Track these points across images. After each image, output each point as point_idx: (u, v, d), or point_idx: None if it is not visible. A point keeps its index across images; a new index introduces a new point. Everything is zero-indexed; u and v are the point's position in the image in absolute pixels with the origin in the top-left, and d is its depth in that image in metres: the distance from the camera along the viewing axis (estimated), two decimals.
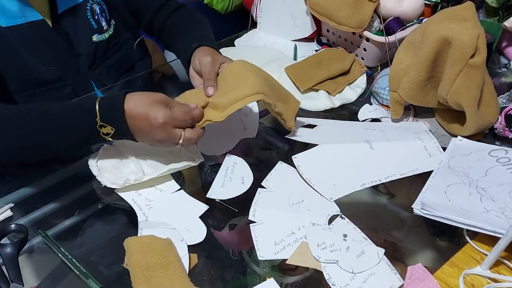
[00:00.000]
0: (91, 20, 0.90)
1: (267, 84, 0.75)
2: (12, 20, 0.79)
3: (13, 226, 0.66)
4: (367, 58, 1.04)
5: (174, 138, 0.67)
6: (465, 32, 0.74)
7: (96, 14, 0.90)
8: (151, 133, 0.67)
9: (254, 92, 0.70)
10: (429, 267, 0.60)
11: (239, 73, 0.74)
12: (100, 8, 0.91)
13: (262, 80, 0.74)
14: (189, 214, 0.69)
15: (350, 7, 0.97)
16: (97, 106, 0.65)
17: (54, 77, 0.86)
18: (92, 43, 0.90)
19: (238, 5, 1.37)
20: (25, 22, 0.80)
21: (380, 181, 0.72)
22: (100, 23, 0.91)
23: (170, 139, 0.67)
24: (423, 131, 0.84)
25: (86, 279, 0.58)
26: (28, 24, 0.81)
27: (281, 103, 0.78)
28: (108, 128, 0.66)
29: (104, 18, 0.92)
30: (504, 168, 0.71)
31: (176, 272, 0.58)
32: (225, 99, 0.70)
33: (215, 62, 0.77)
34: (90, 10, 0.90)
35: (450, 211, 0.63)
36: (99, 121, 0.65)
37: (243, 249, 0.65)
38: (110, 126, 0.66)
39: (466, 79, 0.74)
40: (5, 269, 0.60)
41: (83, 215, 0.70)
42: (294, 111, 0.82)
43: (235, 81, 0.73)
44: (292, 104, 0.82)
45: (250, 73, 0.73)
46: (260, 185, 0.73)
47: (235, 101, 0.69)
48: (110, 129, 0.66)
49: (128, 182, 0.71)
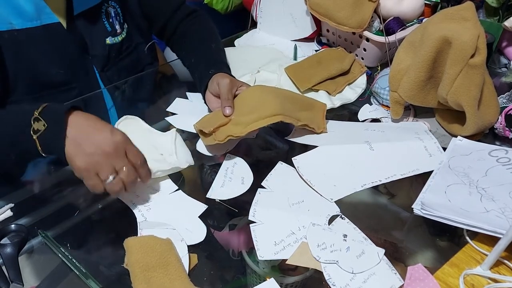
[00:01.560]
0: (105, 22, 0.90)
1: (287, 101, 0.80)
2: (27, 22, 0.78)
3: (13, 226, 0.66)
4: (367, 58, 1.04)
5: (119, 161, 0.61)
6: (465, 32, 0.74)
7: (111, 17, 0.91)
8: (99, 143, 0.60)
9: (275, 113, 0.75)
10: (429, 267, 0.60)
11: (259, 95, 0.81)
12: (115, 11, 0.92)
13: (281, 100, 0.79)
14: (188, 214, 0.69)
15: (350, 7, 0.97)
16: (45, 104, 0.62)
17: (62, 79, 0.86)
18: (106, 45, 0.91)
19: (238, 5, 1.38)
20: (40, 25, 0.80)
21: (381, 181, 0.72)
22: (114, 26, 0.92)
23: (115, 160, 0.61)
24: (423, 131, 0.84)
25: (86, 279, 0.58)
26: (42, 27, 0.80)
27: (306, 112, 0.82)
28: (41, 123, 0.60)
29: (118, 21, 0.92)
30: (504, 168, 0.71)
31: (176, 272, 0.58)
32: (247, 117, 0.77)
33: (233, 85, 0.82)
34: (105, 13, 0.90)
35: (450, 211, 0.63)
36: (36, 114, 0.60)
37: (243, 249, 0.65)
38: (44, 121, 0.60)
39: (466, 79, 0.74)
40: (5, 269, 0.60)
41: (83, 215, 0.70)
42: (322, 115, 0.85)
43: (256, 102, 0.79)
44: (318, 108, 0.86)
45: (270, 95, 0.79)
46: (260, 185, 0.73)
47: (258, 119, 0.75)
48: (42, 125, 0.60)
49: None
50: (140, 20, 0.99)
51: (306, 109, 0.83)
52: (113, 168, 0.62)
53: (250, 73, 1.00)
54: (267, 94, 0.79)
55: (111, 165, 0.62)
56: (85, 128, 0.62)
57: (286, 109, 0.77)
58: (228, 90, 0.81)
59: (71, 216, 0.69)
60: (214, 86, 0.83)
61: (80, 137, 0.61)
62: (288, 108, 0.78)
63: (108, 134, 0.62)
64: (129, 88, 1.00)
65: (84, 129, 0.62)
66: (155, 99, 1.03)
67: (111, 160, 0.61)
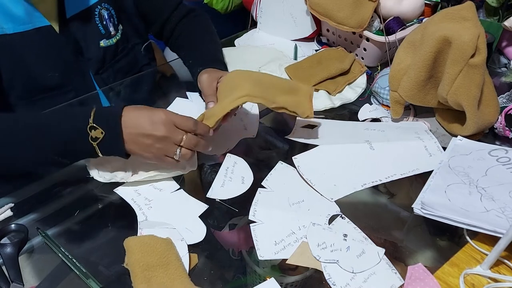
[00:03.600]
0: (99, 25, 0.90)
1: (264, 85, 0.75)
2: (19, 26, 0.78)
3: (13, 226, 0.66)
4: (367, 58, 1.04)
5: (174, 136, 0.65)
6: (465, 32, 0.74)
7: (104, 20, 0.90)
8: (151, 133, 0.63)
9: (240, 95, 0.72)
10: (429, 266, 0.60)
11: (231, 82, 0.77)
12: (109, 14, 0.91)
13: (255, 82, 0.75)
14: (188, 213, 0.69)
15: (350, 7, 0.97)
16: (93, 108, 0.64)
17: (57, 82, 0.86)
18: (100, 48, 0.90)
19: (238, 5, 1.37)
20: (32, 28, 0.80)
21: (381, 181, 0.72)
22: (108, 28, 0.91)
23: (171, 137, 0.65)
24: (423, 131, 0.84)
25: (86, 279, 0.58)
26: (35, 30, 0.80)
27: (288, 96, 0.76)
28: (98, 131, 0.63)
29: (112, 23, 0.92)
30: (504, 167, 0.71)
31: (176, 271, 0.58)
32: (218, 106, 0.74)
33: (212, 79, 0.80)
34: (99, 15, 0.89)
35: (450, 210, 0.63)
36: (91, 122, 0.62)
37: (243, 249, 0.65)
38: (101, 129, 0.63)
39: (466, 79, 0.74)
40: (5, 269, 0.60)
41: (83, 215, 0.70)
42: (308, 99, 0.78)
43: (229, 90, 0.76)
44: (304, 93, 0.79)
45: (241, 79, 0.76)
46: (260, 185, 0.73)
47: (226, 104, 0.72)
48: (100, 133, 0.63)
49: (115, 178, 0.71)
50: (136, 21, 0.99)
51: (288, 93, 0.77)
52: (174, 143, 0.66)
53: None
54: (238, 79, 0.76)
55: (171, 143, 0.65)
56: (135, 124, 0.64)
57: (257, 91, 0.73)
58: (207, 85, 0.80)
59: (71, 216, 0.69)
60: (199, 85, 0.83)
61: (135, 134, 0.64)
62: (260, 90, 0.74)
63: (151, 120, 0.64)
64: (128, 88, 1.00)
65: (135, 126, 0.64)
66: (155, 99, 1.03)
67: (169, 139, 0.65)
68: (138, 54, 1.02)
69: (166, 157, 0.67)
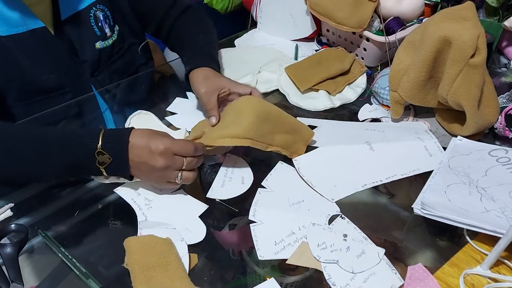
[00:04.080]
0: (94, 27, 0.89)
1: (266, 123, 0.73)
2: (12, 28, 0.78)
3: (13, 226, 0.66)
4: (367, 58, 1.04)
5: (174, 164, 0.65)
6: (465, 32, 0.74)
7: (100, 21, 0.90)
8: (151, 163, 0.64)
9: (244, 136, 0.71)
10: (429, 267, 0.60)
11: (239, 110, 0.75)
12: (104, 15, 0.91)
13: (259, 122, 0.72)
14: (188, 213, 0.69)
15: (350, 7, 0.97)
16: (101, 133, 0.64)
17: (54, 84, 0.85)
18: (96, 50, 0.90)
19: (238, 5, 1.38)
20: (26, 31, 0.79)
21: (381, 181, 0.72)
22: (103, 30, 0.91)
23: (170, 165, 0.65)
24: (423, 131, 0.84)
25: (86, 279, 0.58)
26: (29, 32, 0.79)
27: (285, 135, 0.76)
28: (106, 156, 0.64)
29: (107, 24, 0.92)
30: (504, 168, 0.71)
31: (176, 272, 0.58)
32: (217, 133, 0.73)
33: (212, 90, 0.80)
34: (94, 17, 0.89)
35: (450, 211, 0.63)
36: (99, 147, 0.63)
37: (243, 249, 0.65)
38: (108, 155, 0.64)
39: (466, 79, 0.74)
40: (5, 269, 0.60)
41: (83, 215, 0.70)
42: (303, 142, 0.79)
43: (235, 116, 0.74)
44: (303, 135, 0.79)
45: (250, 112, 0.73)
46: (260, 185, 0.73)
47: (225, 136, 0.71)
48: (107, 158, 0.64)
49: (112, 180, 0.71)
50: (132, 21, 0.98)
51: (287, 132, 0.76)
52: (175, 170, 0.66)
53: (251, 74, 1.00)
54: (249, 110, 0.73)
55: (172, 170, 0.66)
56: (138, 153, 0.65)
57: (259, 134, 0.72)
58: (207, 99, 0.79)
59: (71, 216, 0.69)
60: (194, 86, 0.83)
61: (137, 162, 0.65)
62: (262, 132, 0.73)
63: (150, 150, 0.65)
64: (127, 89, 1.00)
65: (137, 154, 0.65)
66: (154, 99, 1.03)
67: (169, 168, 0.66)
68: (135, 54, 1.01)
69: (168, 183, 0.68)
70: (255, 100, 0.76)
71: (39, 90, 0.84)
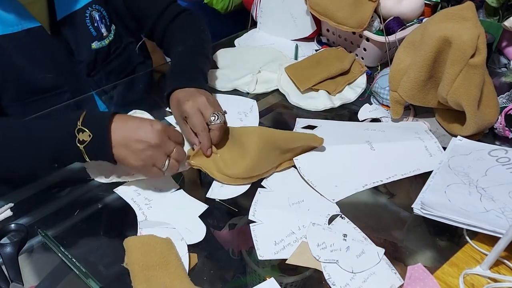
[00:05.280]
0: (90, 27, 0.89)
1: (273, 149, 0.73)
2: (8, 28, 0.77)
3: (13, 226, 0.66)
4: (367, 58, 1.04)
5: (165, 146, 0.65)
6: (465, 32, 0.74)
7: (96, 21, 0.89)
8: (145, 139, 0.63)
9: (244, 176, 0.71)
10: (429, 267, 0.60)
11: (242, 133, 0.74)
12: (100, 15, 0.90)
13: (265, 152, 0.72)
14: (188, 213, 0.69)
15: (350, 7, 0.97)
16: (83, 112, 0.64)
17: (52, 84, 0.85)
18: (92, 50, 0.89)
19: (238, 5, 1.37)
20: (22, 30, 0.79)
21: (382, 181, 0.72)
22: (99, 30, 0.90)
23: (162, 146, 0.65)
24: (423, 131, 0.84)
25: (86, 279, 0.58)
26: (25, 32, 0.79)
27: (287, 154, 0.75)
28: (85, 134, 0.62)
29: (104, 24, 0.91)
30: (504, 168, 0.71)
31: (176, 271, 0.58)
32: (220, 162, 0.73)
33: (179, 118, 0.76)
34: (89, 18, 0.88)
35: (450, 211, 0.63)
36: (79, 124, 0.62)
37: (243, 248, 0.65)
38: (88, 132, 0.62)
39: (466, 79, 0.74)
40: (5, 269, 0.60)
41: (83, 215, 0.70)
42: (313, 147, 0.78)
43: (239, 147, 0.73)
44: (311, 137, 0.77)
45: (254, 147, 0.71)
46: (260, 185, 0.73)
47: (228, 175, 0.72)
48: (87, 136, 0.62)
49: (115, 178, 0.71)
50: (129, 20, 0.98)
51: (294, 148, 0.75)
52: (165, 154, 0.66)
53: (251, 74, 1.00)
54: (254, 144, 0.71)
55: (163, 152, 0.66)
56: (127, 129, 0.64)
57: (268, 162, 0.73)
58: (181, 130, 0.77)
59: (71, 215, 0.69)
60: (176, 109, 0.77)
61: (126, 139, 0.64)
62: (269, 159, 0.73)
63: (149, 127, 0.65)
64: (125, 89, 1.00)
65: (127, 131, 0.64)
66: (154, 99, 1.03)
67: (161, 148, 0.65)
68: (132, 53, 1.01)
69: (153, 167, 0.66)
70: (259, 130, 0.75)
71: (36, 90, 0.84)
